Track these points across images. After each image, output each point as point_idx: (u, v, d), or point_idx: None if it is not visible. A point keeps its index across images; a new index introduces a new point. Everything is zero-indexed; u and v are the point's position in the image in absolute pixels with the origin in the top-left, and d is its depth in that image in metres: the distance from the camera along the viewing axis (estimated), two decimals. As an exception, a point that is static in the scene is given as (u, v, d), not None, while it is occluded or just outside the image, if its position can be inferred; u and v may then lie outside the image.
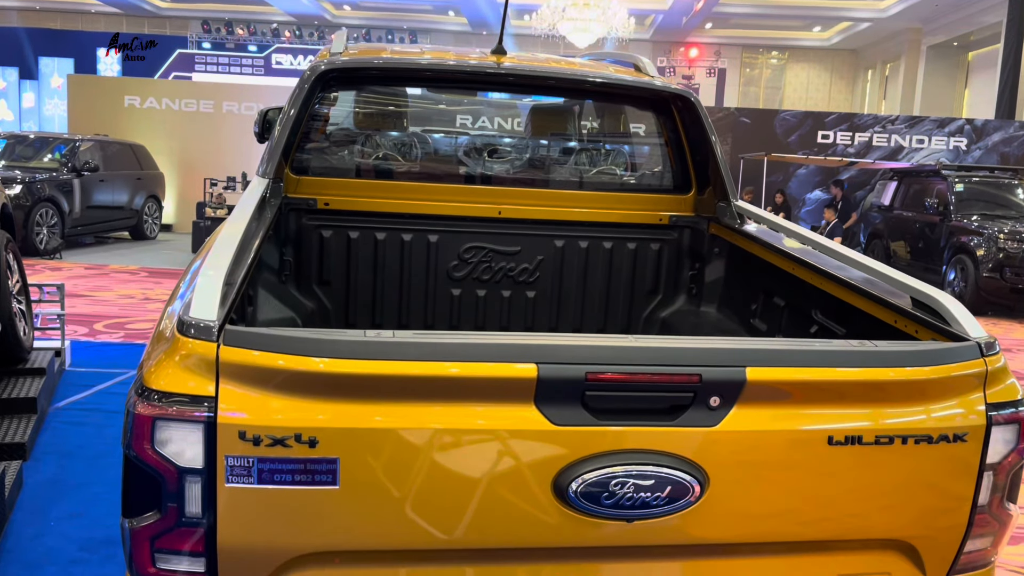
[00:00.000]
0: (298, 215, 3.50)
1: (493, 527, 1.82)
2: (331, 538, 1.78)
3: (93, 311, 8.93)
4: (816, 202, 17.51)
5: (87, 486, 4.43)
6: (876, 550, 2.03)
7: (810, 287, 2.83)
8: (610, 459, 1.81)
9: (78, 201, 13.23)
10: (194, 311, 1.78)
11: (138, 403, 1.72)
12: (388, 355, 1.73)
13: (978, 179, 12.95)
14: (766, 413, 1.87)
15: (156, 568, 1.79)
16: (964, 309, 2.18)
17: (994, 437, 2.00)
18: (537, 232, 3.67)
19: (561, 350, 1.80)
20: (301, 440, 1.70)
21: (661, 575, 1.95)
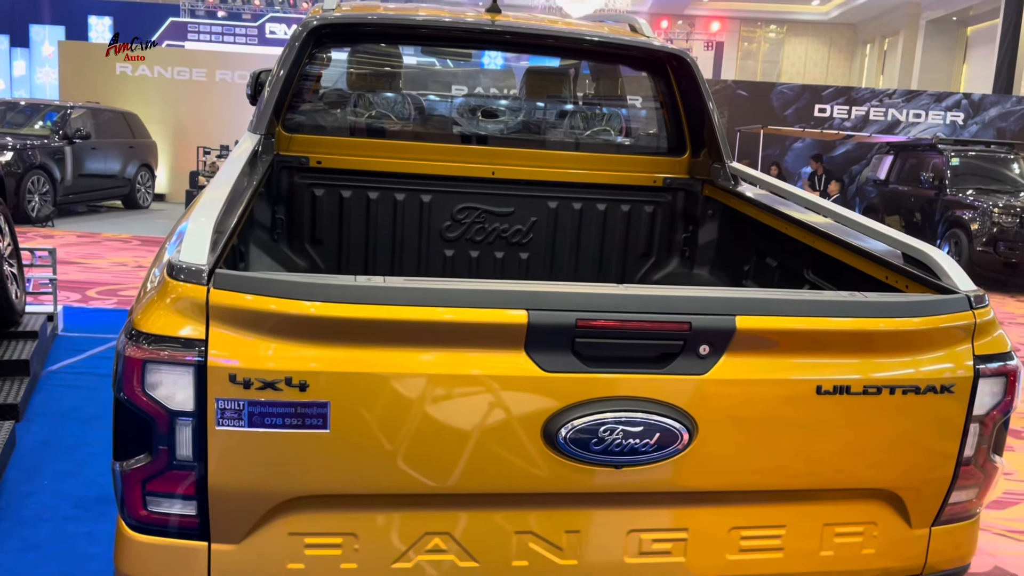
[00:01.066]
0: (290, 173, 3.48)
1: (482, 472, 1.83)
2: (322, 482, 1.79)
3: (86, 278, 8.91)
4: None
5: (80, 446, 4.45)
6: (862, 500, 2.05)
7: (802, 246, 2.84)
8: (599, 406, 1.82)
9: (70, 169, 13.13)
10: (184, 255, 1.77)
11: (128, 346, 1.72)
12: (378, 300, 1.73)
13: (974, 153, 12.94)
14: (755, 362, 1.88)
15: (147, 511, 1.80)
16: (955, 264, 2.19)
17: (981, 390, 2.01)
18: (531, 193, 3.66)
19: (551, 297, 1.80)
20: (291, 384, 1.71)
21: (649, 522, 1.96)
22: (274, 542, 1.83)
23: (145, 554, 1.82)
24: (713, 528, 2.00)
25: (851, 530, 2.07)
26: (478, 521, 1.90)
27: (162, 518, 1.80)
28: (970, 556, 2.24)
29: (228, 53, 20.27)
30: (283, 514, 1.81)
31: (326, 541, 1.85)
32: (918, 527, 2.10)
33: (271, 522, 1.81)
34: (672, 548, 1.98)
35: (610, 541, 1.95)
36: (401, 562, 1.88)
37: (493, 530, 1.90)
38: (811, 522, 2.04)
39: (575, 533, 1.94)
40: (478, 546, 1.90)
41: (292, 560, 1.84)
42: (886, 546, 2.09)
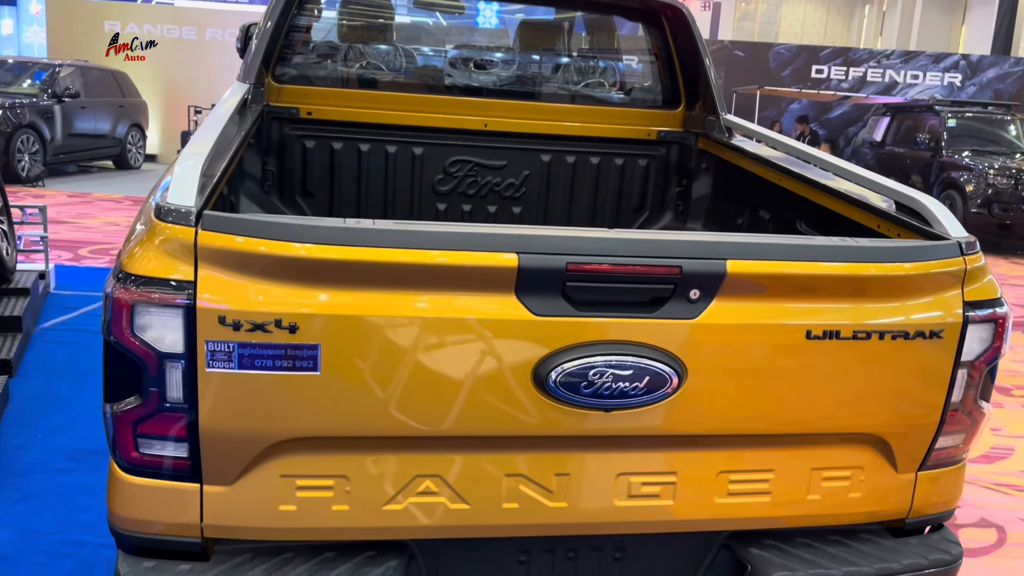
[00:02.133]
0: (280, 124, 3.44)
1: (473, 415, 1.83)
2: (312, 424, 1.79)
3: (77, 237, 8.87)
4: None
5: (74, 401, 4.46)
6: (849, 445, 2.07)
7: (796, 198, 2.83)
8: (589, 350, 1.82)
9: (59, 128, 13.00)
10: (172, 197, 1.75)
11: (116, 288, 1.70)
12: (368, 242, 1.72)
13: (971, 115, 12.89)
14: (745, 306, 1.88)
15: (139, 453, 1.80)
16: (947, 211, 2.18)
17: (970, 335, 2.02)
18: (524, 146, 3.63)
19: (542, 240, 1.79)
20: (281, 326, 1.70)
21: (638, 465, 1.98)
22: (266, 484, 1.83)
23: (138, 495, 1.83)
24: (702, 472, 2.01)
25: (838, 474, 2.08)
26: (469, 464, 1.91)
27: (154, 460, 1.81)
28: (955, 502, 2.26)
29: (219, 11, 19.97)
30: (275, 456, 1.82)
31: (318, 483, 1.86)
32: (904, 472, 2.12)
33: (263, 464, 1.82)
34: (661, 491, 2.00)
35: (599, 484, 1.97)
36: (392, 504, 1.89)
37: (484, 473, 1.91)
38: (799, 466, 2.06)
39: (565, 476, 1.95)
40: (469, 488, 1.91)
41: (284, 502, 1.85)
42: (872, 490, 2.11)
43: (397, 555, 1.95)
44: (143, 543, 1.87)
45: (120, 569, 1.83)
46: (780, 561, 2.05)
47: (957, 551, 2.17)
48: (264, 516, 1.86)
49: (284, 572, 1.86)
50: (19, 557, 3.06)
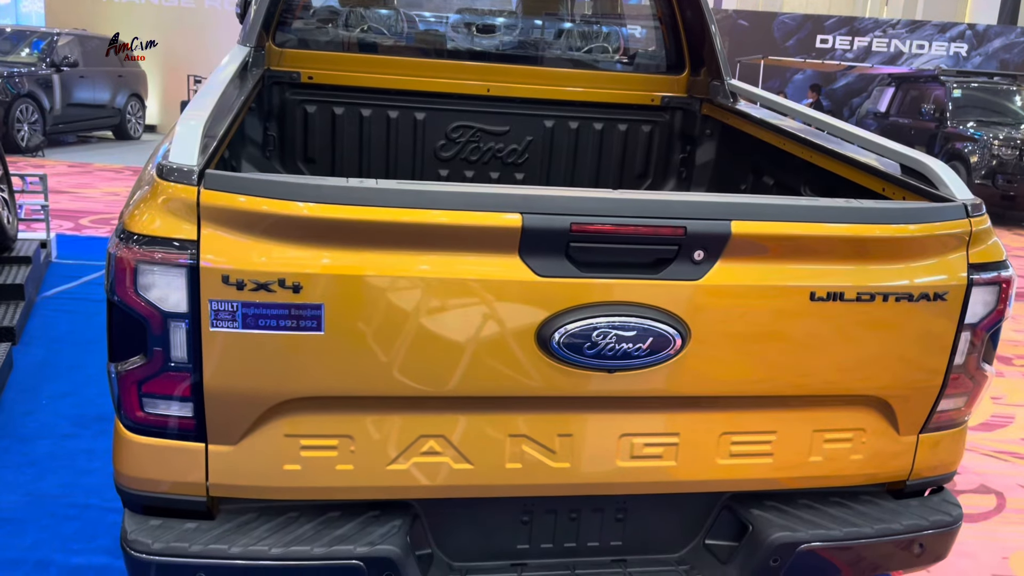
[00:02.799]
0: (281, 89, 3.42)
1: (476, 376, 1.83)
2: (317, 384, 1.79)
3: (78, 207, 8.84)
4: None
5: (78, 368, 4.48)
6: (851, 407, 2.07)
7: (800, 163, 2.81)
8: (593, 311, 1.81)
9: (58, 98, 12.92)
10: (174, 156, 1.74)
11: (119, 247, 1.70)
12: (371, 201, 1.71)
13: (976, 85, 12.77)
14: (749, 268, 1.87)
15: (144, 413, 1.81)
16: (953, 174, 2.17)
17: (974, 298, 2.01)
18: (526, 112, 3.61)
19: (546, 201, 1.79)
20: (285, 285, 1.70)
21: (641, 426, 1.98)
22: (270, 443, 1.84)
23: (143, 455, 1.84)
24: (704, 433, 2.02)
25: (840, 436, 2.09)
26: (472, 424, 1.91)
27: (159, 420, 1.81)
28: (956, 464, 2.27)
29: (217, -21, 19.71)
30: (279, 416, 1.83)
31: (322, 443, 1.87)
32: (906, 434, 2.13)
33: (267, 424, 1.83)
34: (663, 452, 2.01)
35: (602, 445, 1.97)
36: (396, 464, 1.90)
37: (487, 433, 1.92)
38: (801, 428, 2.06)
39: (568, 437, 1.96)
40: (472, 449, 1.92)
41: (288, 461, 1.86)
42: (874, 452, 2.12)
43: (401, 514, 1.96)
44: (149, 502, 1.88)
45: (127, 527, 1.85)
46: (781, 522, 2.07)
47: (957, 513, 2.19)
48: (269, 475, 1.87)
49: (289, 531, 1.88)
50: (26, 520, 3.09)
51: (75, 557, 2.89)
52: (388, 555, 1.85)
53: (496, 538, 2.10)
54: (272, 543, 1.84)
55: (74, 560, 2.88)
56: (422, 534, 2.02)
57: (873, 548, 2.09)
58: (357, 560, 1.84)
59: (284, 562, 1.82)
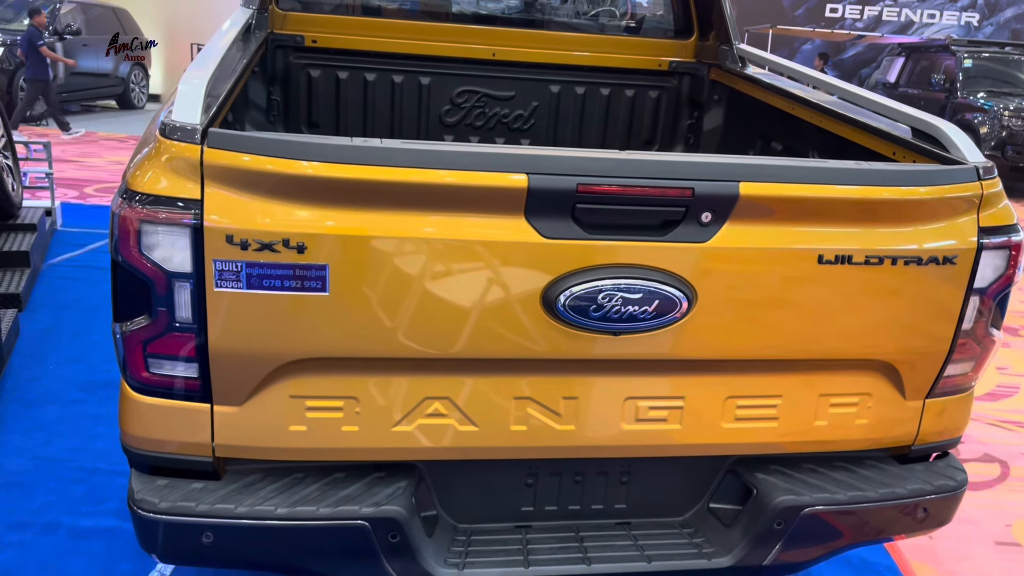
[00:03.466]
0: (285, 53, 3.38)
1: (481, 338, 1.83)
2: (321, 345, 1.79)
3: (83, 176, 8.83)
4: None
5: (84, 335, 4.49)
6: (858, 371, 2.06)
7: (809, 127, 2.78)
8: (599, 273, 1.80)
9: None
10: (176, 115, 1.73)
11: (122, 206, 1.69)
12: (376, 160, 1.69)
13: (988, 55, 12.62)
14: (757, 230, 1.86)
15: (150, 373, 1.81)
16: (965, 136, 2.14)
17: (983, 262, 1.99)
18: (532, 76, 3.57)
19: (552, 161, 1.77)
20: (289, 245, 1.69)
21: (646, 390, 1.98)
22: (276, 405, 1.85)
23: (149, 415, 1.84)
24: (709, 397, 2.02)
25: (846, 401, 2.09)
26: (478, 387, 1.91)
27: (164, 380, 1.81)
28: (961, 430, 2.27)
29: (220, -54, 19.48)
30: (284, 377, 1.83)
31: (327, 404, 1.87)
32: (912, 399, 2.12)
33: (273, 385, 1.83)
34: (668, 416, 2.01)
35: (607, 408, 1.97)
36: (402, 426, 1.90)
37: (492, 395, 1.92)
38: (807, 392, 2.06)
39: (573, 400, 1.96)
40: (477, 411, 1.92)
41: (294, 423, 1.86)
42: (879, 417, 2.12)
43: (406, 476, 1.97)
44: (155, 462, 1.89)
45: (133, 487, 1.86)
46: (785, 486, 2.07)
47: (961, 478, 2.19)
48: (274, 436, 1.87)
49: (295, 491, 1.88)
50: (34, 484, 3.12)
51: (84, 520, 2.92)
52: (393, 515, 1.86)
53: (501, 500, 2.11)
54: (278, 503, 1.85)
55: (83, 523, 2.90)
56: (427, 496, 2.03)
57: (877, 512, 2.10)
58: (362, 520, 1.85)
59: (290, 522, 1.83)
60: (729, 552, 2.07)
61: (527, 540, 2.08)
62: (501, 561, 2.00)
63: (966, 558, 3.08)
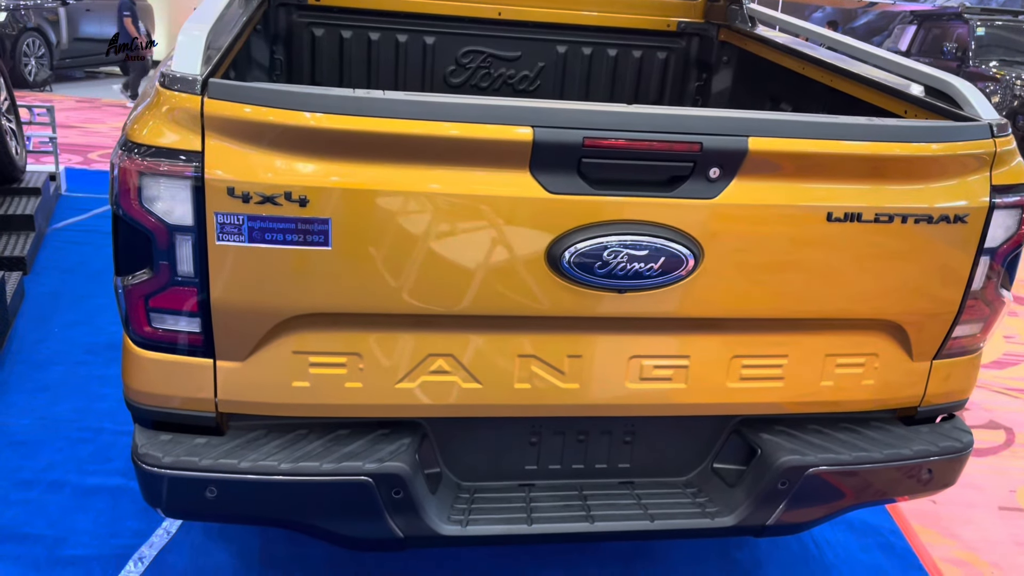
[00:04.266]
0: (288, 11, 3.34)
1: (485, 294, 1.81)
2: (324, 300, 1.78)
3: (87, 141, 8.79)
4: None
5: (89, 298, 4.49)
6: (865, 331, 2.04)
7: (820, 87, 2.73)
8: (604, 229, 1.78)
9: (65, 32, 12.75)
10: (176, 66, 1.70)
11: (122, 158, 1.67)
12: (379, 112, 1.67)
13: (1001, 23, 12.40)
14: (766, 186, 1.83)
15: (152, 328, 1.80)
16: (979, 93, 2.10)
17: (995, 221, 1.97)
18: (539, 36, 3.52)
19: (558, 114, 1.74)
20: (291, 198, 1.67)
21: (651, 348, 1.96)
22: (279, 360, 1.84)
23: (152, 369, 1.84)
24: (715, 356, 2.00)
25: (852, 361, 2.07)
26: (481, 344, 1.90)
27: (167, 335, 1.81)
28: (968, 392, 2.25)
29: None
30: (287, 332, 1.81)
31: (331, 360, 1.86)
32: (919, 360, 2.10)
33: (276, 340, 1.82)
34: (673, 375, 1.99)
35: (611, 366, 1.96)
36: (405, 382, 1.89)
37: (496, 353, 1.91)
38: (813, 352, 2.04)
39: (577, 358, 1.94)
40: (481, 368, 1.91)
41: (297, 379, 1.86)
42: (886, 377, 2.10)
43: (410, 433, 1.96)
44: (159, 417, 1.89)
45: (137, 442, 1.86)
46: (790, 446, 2.06)
47: (967, 439, 2.17)
48: (278, 392, 1.87)
49: (298, 447, 1.88)
50: (40, 443, 3.13)
51: (90, 478, 2.93)
52: (397, 471, 1.85)
53: (504, 459, 2.11)
54: (281, 458, 1.85)
55: (89, 481, 2.92)
56: (431, 453, 2.03)
57: (881, 473, 2.09)
58: (366, 476, 1.85)
59: (293, 477, 1.83)
60: (732, 512, 2.07)
61: (530, 498, 2.08)
62: (504, 519, 2.00)
63: (969, 522, 3.08)
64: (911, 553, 2.86)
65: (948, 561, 2.86)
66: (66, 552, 2.57)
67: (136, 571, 2.51)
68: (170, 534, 2.67)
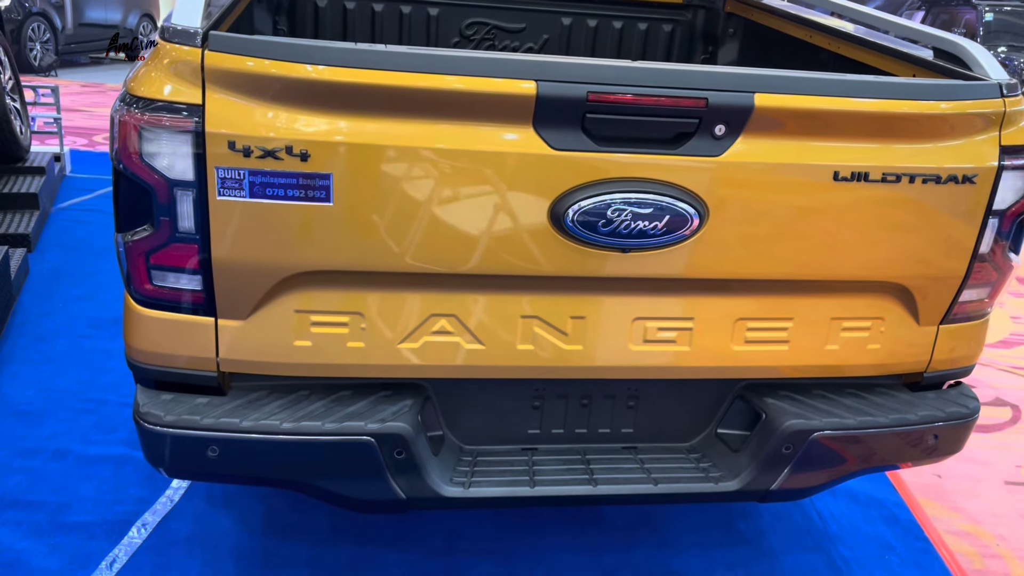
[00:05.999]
0: (291, -19, 3.32)
1: (488, 253, 1.80)
2: (326, 256, 1.76)
3: (91, 124, 8.77)
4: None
5: (93, 275, 4.49)
6: (871, 294, 2.03)
7: (828, 55, 2.70)
8: (608, 187, 1.76)
9: (70, 17, 12.73)
10: (176, 19, 1.69)
11: (122, 111, 1.66)
12: (381, 65, 1.65)
13: (1010, 8, 12.29)
14: (772, 144, 1.81)
15: (153, 285, 1.79)
16: (988, 54, 2.07)
17: (1004, 183, 1.94)
18: (543, 8, 3.49)
19: (562, 68, 1.72)
20: (292, 153, 1.66)
21: (655, 310, 1.95)
22: (281, 319, 1.83)
23: (153, 328, 1.83)
24: (719, 318, 1.98)
25: (858, 324, 2.05)
26: (484, 304, 1.89)
27: (168, 293, 1.80)
28: (975, 359, 2.23)
29: None
30: (289, 291, 1.80)
31: (333, 319, 1.85)
32: (926, 324, 2.09)
33: (277, 299, 1.81)
34: (677, 337, 1.98)
35: (615, 328, 1.95)
36: (408, 342, 1.88)
37: (499, 313, 1.90)
38: (818, 315, 2.02)
39: (580, 319, 1.93)
40: (484, 329, 1.90)
41: (299, 338, 1.85)
42: (892, 342, 2.08)
43: (412, 395, 1.96)
44: (160, 376, 1.88)
45: (139, 401, 1.85)
46: (795, 410, 2.05)
47: (974, 405, 2.16)
48: (279, 351, 1.86)
49: (300, 407, 1.88)
50: (44, 413, 3.13)
51: (93, 448, 2.94)
52: (399, 431, 1.85)
53: (507, 422, 2.10)
54: (283, 418, 1.84)
55: (92, 451, 2.92)
56: (434, 416, 2.02)
57: (887, 438, 2.07)
58: (368, 436, 1.84)
59: (295, 436, 1.83)
60: (736, 476, 2.05)
61: (533, 462, 2.08)
62: (507, 480, 2.00)
63: (975, 496, 3.07)
64: (916, 525, 2.84)
65: (953, 533, 2.84)
66: (69, 518, 2.57)
67: (139, 537, 2.51)
68: (173, 502, 2.67)
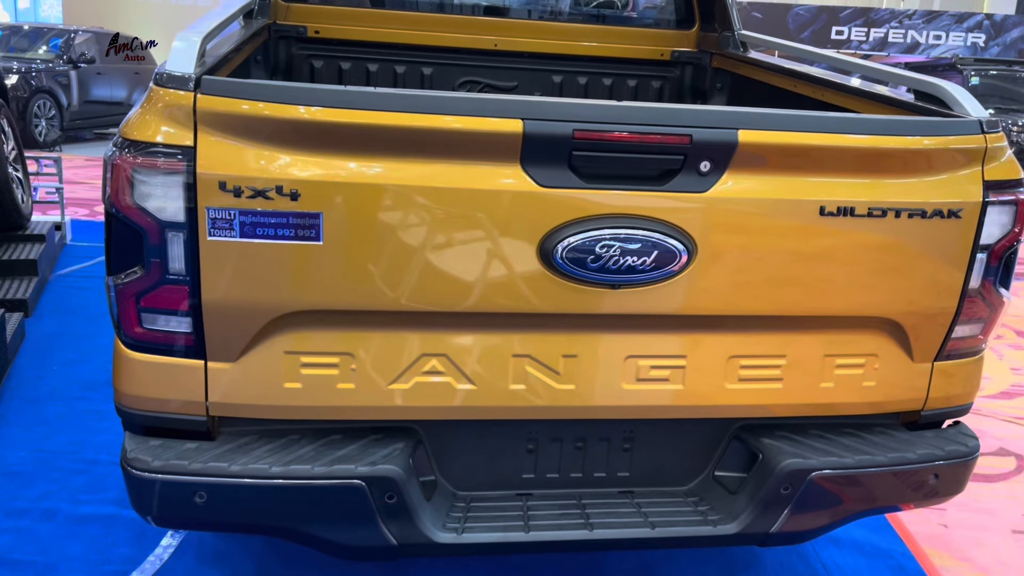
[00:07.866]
0: (288, 44, 3.41)
1: (478, 291, 1.80)
2: (315, 296, 1.77)
3: (93, 196, 8.89)
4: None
5: (89, 338, 4.48)
6: (864, 330, 2.02)
7: (814, 104, 2.76)
8: (596, 223, 1.78)
9: (76, 94, 13.03)
10: (171, 65, 1.73)
11: (115, 155, 1.69)
12: (370, 106, 1.68)
13: (995, 72, 12.59)
14: (757, 180, 1.83)
15: (143, 328, 1.79)
16: (968, 95, 2.11)
17: (989, 217, 1.96)
18: (535, 67, 3.58)
19: (548, 107, 1.75)
20: (283, 192, 1.68)
21: (647, 348, 1.94)
22: (270, 361, 1.82)
23: (143, 372, 1.82)
24: (711, 356, 1.98)
25: (852, 362, 2.04)
26: (475, 343, 1.88)
27: (158, 336, 1.80)
28: (972, 396, 2.22)
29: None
30: (278, 332, 1.80)
31: (323, 360, 1.84)
32: (920, 361, 2.07)
33: (267, 340, 1.81)
34: (670, 375, 1.97)
35: (608, 366, 1.94)
36: (398, 383, 1.87)
37: (490, 353, 1.89)
38: (811, 352, 2.02)
39: (572, 358, 1.92)
40: (475, 368, 1.89)
41: (289, 379, 1.84)
42: (887, 379, 2.07)
43: (404, 438, 1.93)
44: (149, 422, 1.87)
45: (127, 447, 1.83)
46: (792, 450, 2.02)
47: (974, 444, 2.13)
48: (269, 394, 1.84)
49: (290, 451, 1.85)
50: (35, 474, 3.09)
51: (83, 507, 2.88)
52: (390, 475, 1.82)
53: (501, 467, 2.07)
54: (272, 462, 1.82)
55: (82, 510, 2.87)
56: (425, 460, 1.99)
57: (886, 477, 2.04)
58: (358, 480, 1.81)
59: (285, 481, 1.80)
60: (735, 519, 2.01)
61: (528, 506, 2.04)
62: (501, 526, 1.96)
63: (982, 545, 3.00)
64: (923, 575, 2.77)
65: (962, 583, 2.77)
66: (56, 578, 2.51)
67: (126, 597, 2.45)
68: (163, 560, 2.61)
